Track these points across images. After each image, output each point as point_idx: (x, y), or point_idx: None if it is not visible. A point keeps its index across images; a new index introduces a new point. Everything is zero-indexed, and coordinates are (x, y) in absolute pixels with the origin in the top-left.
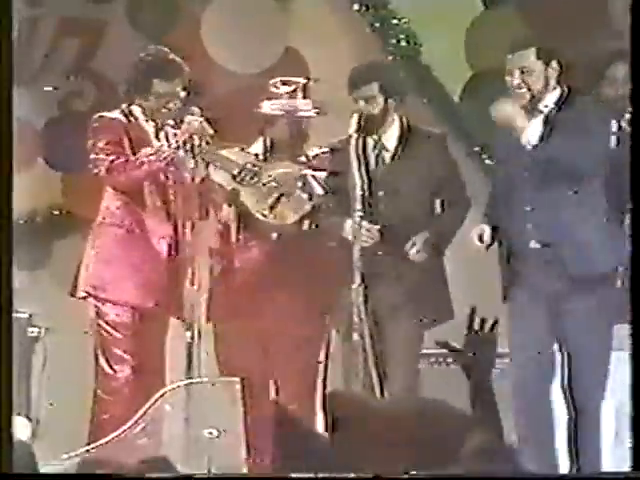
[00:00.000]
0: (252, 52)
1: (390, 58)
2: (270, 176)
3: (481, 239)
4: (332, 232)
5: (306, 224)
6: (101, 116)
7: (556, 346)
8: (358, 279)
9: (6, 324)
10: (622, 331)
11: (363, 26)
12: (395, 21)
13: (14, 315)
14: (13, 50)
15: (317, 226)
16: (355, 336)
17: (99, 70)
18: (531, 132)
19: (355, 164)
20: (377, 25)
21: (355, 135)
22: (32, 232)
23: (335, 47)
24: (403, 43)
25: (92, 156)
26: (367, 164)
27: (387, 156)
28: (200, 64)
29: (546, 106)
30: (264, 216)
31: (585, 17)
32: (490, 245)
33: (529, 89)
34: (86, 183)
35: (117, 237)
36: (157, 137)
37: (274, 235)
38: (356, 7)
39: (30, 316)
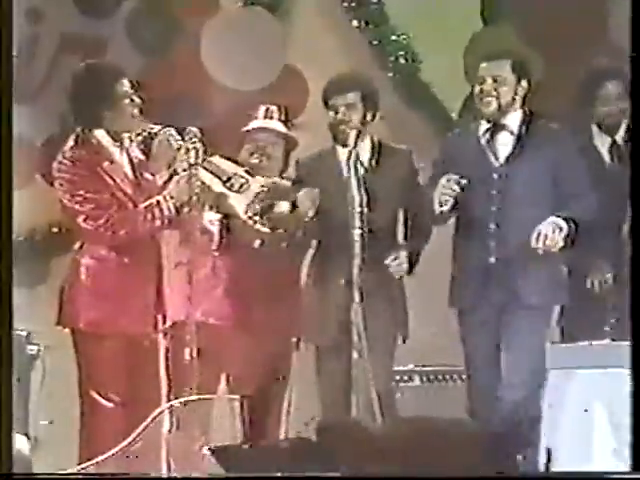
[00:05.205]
0: (251, 69)
1: (389, 75)
2: (263, 186)
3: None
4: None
5: (288, 235)
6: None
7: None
8: (357, 297)
9: (6, 342)
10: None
11: (363, 43)
12: (394, 37)
13: (13, 333)
14: (14, 67)
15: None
16: (354, 354)
17: None
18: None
19: (354, 181)
20: (376, 42)
21: (354, 152)
22: (31, 250)
23: (334, 64)
24: (402, 60)
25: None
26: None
27: (361, 169)
28: (199, 81)
29: None
30: (254, 221)
31: (584, 34)
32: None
33: (497, 98)
34: None
35: (107, 268)
36: (132, 166)
37: (257, 242)
38: (355, 24)
39: (29, 334)
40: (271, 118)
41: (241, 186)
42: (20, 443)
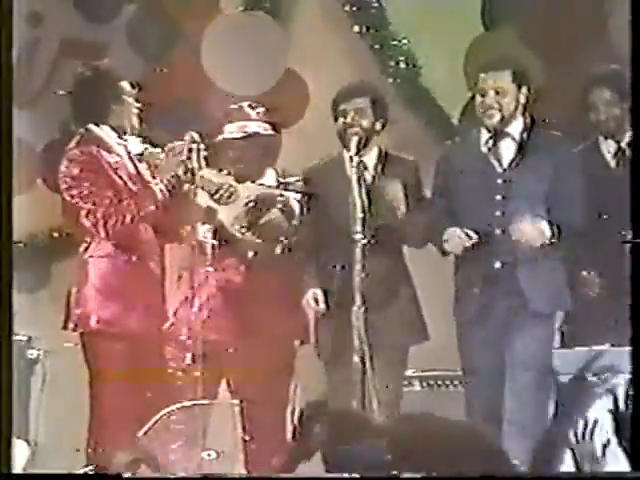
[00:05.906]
0: (252, 74)
1: (390, 80)
2: (249, 196)
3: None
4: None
5: (281, 244)
6: (75, 152)
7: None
8: (358, 301)
9: (6, 346)
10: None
11: (364, 48)
12: (395, 42)
13: (13, 337)
14: (14, 71)
15: (290, 250)
16: (355, 358)
17: None
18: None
19: (356, 186)
20: (377, 47)
21: (356, 157)
22: (32, 254)
23: (335, 69)
24: (403, 65)
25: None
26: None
27: (367, 175)
28: (199, 85)
29: None
30: (242, 234)
31: (584, 37)
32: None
33: (500, 110)
34: None
35: (115, 267)
36: (132, 160)
37: (250, 253)
38: (356, 29)
39: (29, 338)
40: (248, 119)
41: (230, 196)
42: (20, 448)
